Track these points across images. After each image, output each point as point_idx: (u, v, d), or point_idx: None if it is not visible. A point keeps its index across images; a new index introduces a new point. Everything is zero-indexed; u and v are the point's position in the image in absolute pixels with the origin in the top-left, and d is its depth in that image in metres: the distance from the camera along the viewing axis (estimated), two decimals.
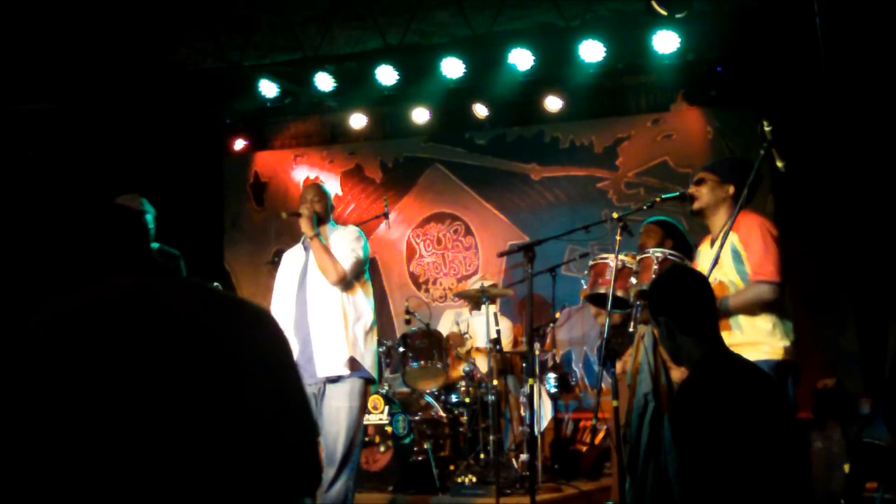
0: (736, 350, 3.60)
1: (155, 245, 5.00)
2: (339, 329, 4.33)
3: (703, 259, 3.91)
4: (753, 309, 3.69)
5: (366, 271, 4.59)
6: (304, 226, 4.45)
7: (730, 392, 2.64)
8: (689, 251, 4.37)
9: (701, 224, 4.16)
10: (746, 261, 3.72)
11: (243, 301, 1.63)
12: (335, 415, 4.29)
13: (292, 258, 4.65)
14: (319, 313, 4.38)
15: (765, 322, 3.69)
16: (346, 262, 4.37)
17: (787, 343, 3.68)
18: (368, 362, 4.39)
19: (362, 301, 4.47)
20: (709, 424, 2.55)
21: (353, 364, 4.32)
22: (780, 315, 3.72)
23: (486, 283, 6.78)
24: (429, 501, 5.58)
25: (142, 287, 1.49)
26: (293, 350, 4.30)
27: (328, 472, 4.28)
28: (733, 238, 3.75)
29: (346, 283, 4.40)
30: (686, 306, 2.78)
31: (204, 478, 1.42)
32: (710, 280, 3.35)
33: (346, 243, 4.43)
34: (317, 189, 4.66)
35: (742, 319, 3.70)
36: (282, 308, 4.51)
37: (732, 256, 3.76)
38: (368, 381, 4.43)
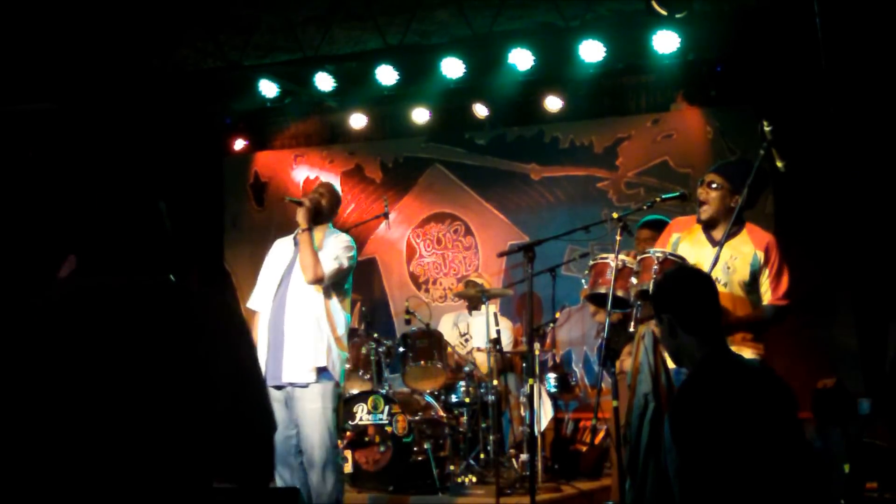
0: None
1: None
2: (312, 338, 4.28)
3: (681, 252, 3.90)
4: (763, 326, 3.81)
5: (348, 283, 4.54)
6: (301, 216, 4.38)
7: (731, 392, 2.64)
8: None
9: None
10: (769, 282, 3.78)
11: (192, 290, 1.90)
12: (309, 416, 4.25)
13: (282, 251, 4.59)
14: (296, 318, 4.32)
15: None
16: (328, 266, 4.31)
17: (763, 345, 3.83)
18: (337, 370, 4.36)
19: (339, 312, 4.43)
20: (709, 425, 2.56)
21: (321, 372, 4.28)
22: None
23: (477, 279, 6.79)
24: (428, 501, 5.58)
25: (92, 288, 1.72)
26: (260, 350, 4.24)
27: (311, 477, 4.24)
28: (758, 254, 3.76)
29: (324, 288, 4.35)
30: (690, 305, 2.80)
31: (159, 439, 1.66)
32: None
33: (334, 249, 4.39)
34: (329, 187, 4.67)
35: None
36: (263, 300, 4.46)
37: (750, 272, 3.77)
38: (337, 384, 4.38)
